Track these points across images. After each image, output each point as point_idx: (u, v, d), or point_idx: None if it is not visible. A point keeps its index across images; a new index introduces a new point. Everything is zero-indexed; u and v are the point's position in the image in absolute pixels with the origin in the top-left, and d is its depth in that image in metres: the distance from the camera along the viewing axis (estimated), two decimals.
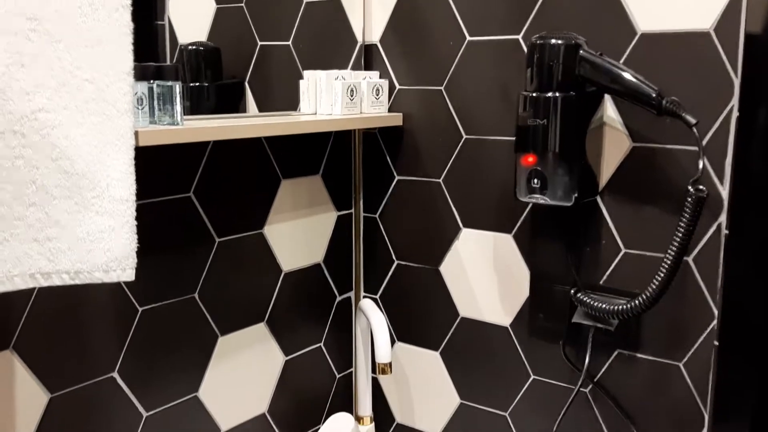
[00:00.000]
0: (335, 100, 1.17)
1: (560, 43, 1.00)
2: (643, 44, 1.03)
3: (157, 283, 1.04)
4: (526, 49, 1.11)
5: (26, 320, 0.90)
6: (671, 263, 0.97)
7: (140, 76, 0.87)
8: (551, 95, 1.00)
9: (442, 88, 1.22)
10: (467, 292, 1.25)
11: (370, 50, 1.29)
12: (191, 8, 1.04)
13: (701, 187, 0.95)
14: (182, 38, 1.03)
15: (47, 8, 0.72)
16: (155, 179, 1.02)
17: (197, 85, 1.07)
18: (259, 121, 1.03)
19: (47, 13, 0.72)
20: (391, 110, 1.28)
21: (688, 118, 0.95)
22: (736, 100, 0.97)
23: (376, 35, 1.28)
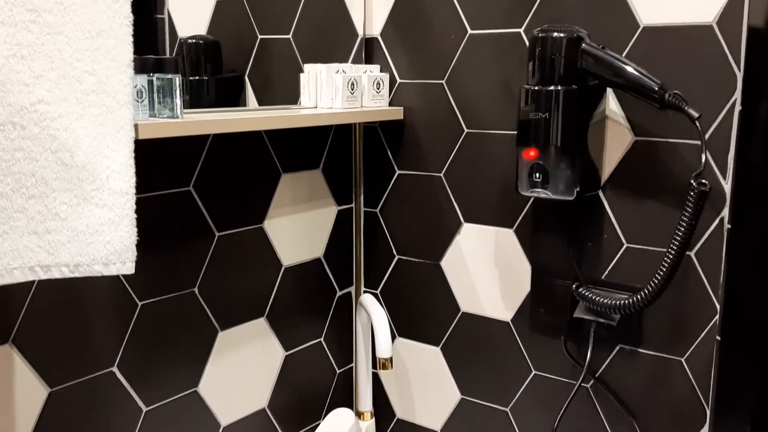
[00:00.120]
0: (336, 93, 1.17)
1: (562, 36, 1.00)
2: (645, 37, 1.03)
3: (156, 277, 1.04)
4: (527, 42, 1.11)
5: (26, 314, 0.90)
6: (673, 258, 0.96)
7: (140, 68, 0.86)
8: (553, 89, 1.00)
9: (443, 81, 1.22)
10: (468, 287, 1.25)
11: (370, 44, 1.28)
12: (191, 1, 1.03)
13: (704, 181, 0.95)
14: (182, 32, 1.02)
15: None
16: (155, 173, 1.01)
17: (197, 78, 1.07)
18: (259, 114, 1.03)
19: (47, 4, 0.72)
20: (391, 104, 1.28)
21: (690, 111, 0.95)
22: (738, 93, 0.97)
23: (376, 28, 1.27)
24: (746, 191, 0.96)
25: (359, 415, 1.34)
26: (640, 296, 1.00)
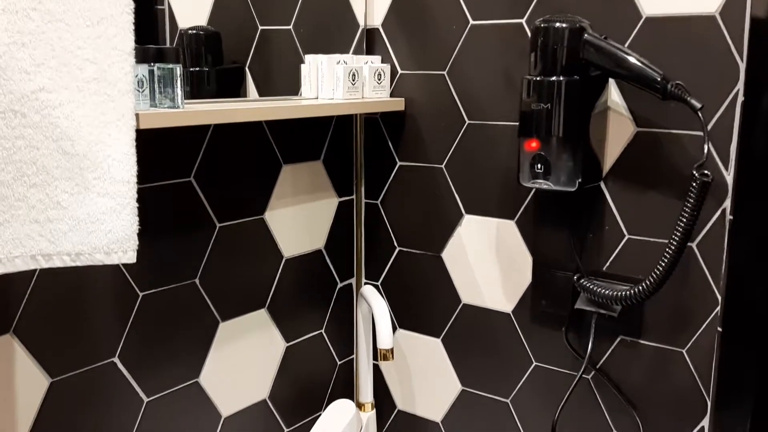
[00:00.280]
0: (337, 84, 1.17)
1: (564, 26, 0.99)
2: (648, 28, 1.02)
3: (157, 268, 1.03)
4: (529, 32, 1.11)
5: (27, 304, 0.90)
6: (675, 249, 0.96)
7: (141, 58, 0.86)
8: (555, 79, 1.00)
9: (444, 72, 1.22)
10: (469, 278, 1.25)
11: (372, 34, 1.28)
12: None
13: (706, 172, 0.95)
14: (182, 22, 1.02)
15: None
16: (156, 164, 1.01)
17: (197, 69, 1.06)
18: (260, 104, 1.03)
19: None
20: (393, 95, 1.28)
21: (693, 102, 0.94)
22: (741, 84, 0.97)
23: (378, 19, 1.27)
24: (748, 182, 0.96)
25: (360, 406, 1.34)
26: (641, 287, 1.00)
